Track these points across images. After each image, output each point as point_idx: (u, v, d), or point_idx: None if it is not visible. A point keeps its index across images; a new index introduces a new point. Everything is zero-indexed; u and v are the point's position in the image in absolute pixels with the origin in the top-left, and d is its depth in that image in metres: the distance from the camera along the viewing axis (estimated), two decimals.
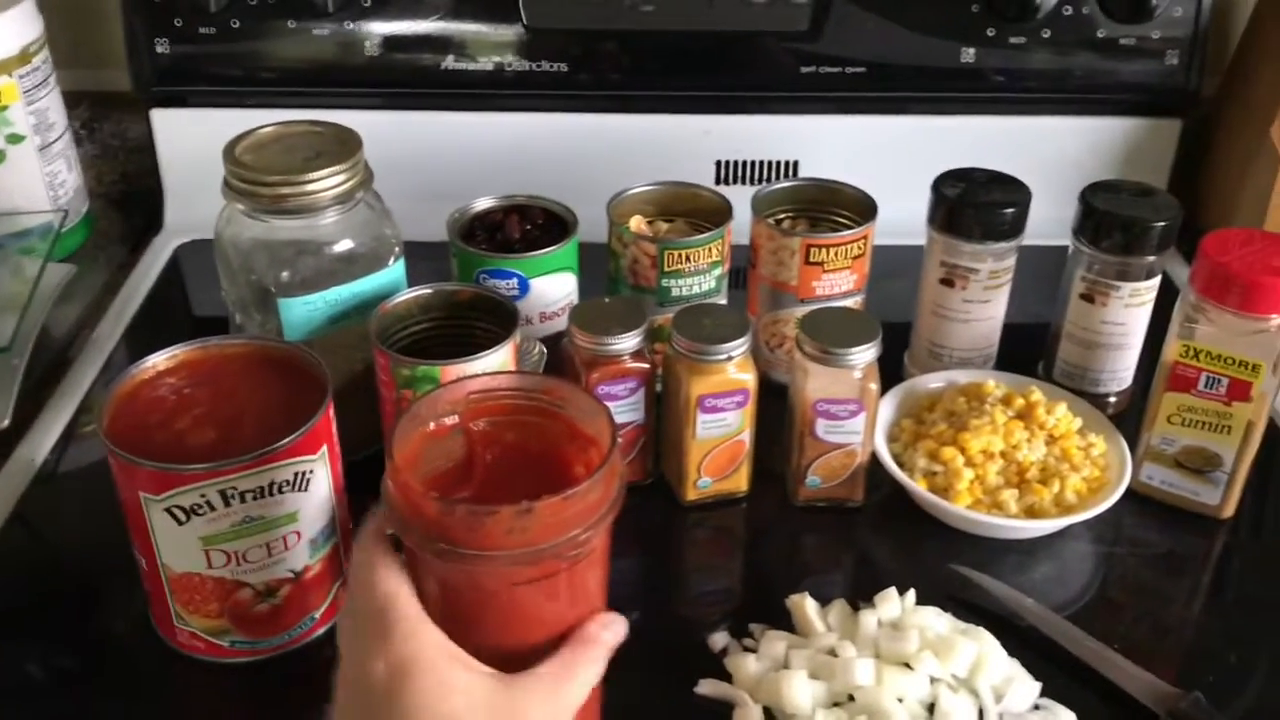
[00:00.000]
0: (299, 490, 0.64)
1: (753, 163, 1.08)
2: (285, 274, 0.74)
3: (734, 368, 0.75)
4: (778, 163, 1.08)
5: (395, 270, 0.78)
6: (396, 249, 0.78)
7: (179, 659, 0.68)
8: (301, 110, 0.85)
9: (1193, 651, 0.72)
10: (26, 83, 0.98)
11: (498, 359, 0.70)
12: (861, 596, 0.71)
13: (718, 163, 1.08)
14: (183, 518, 0.61)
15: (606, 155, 1.05)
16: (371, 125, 0.85)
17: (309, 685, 0.67)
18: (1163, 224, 0.80)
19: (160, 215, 1.10)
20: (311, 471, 0.64)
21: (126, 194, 1.15)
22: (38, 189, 1.02)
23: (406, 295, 0.75)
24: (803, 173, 1.07)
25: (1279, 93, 0.99)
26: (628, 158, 1.04)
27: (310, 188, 0.72)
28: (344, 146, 0.75)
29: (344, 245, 0.75)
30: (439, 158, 1.05)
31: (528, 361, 0.68)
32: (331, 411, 0.66)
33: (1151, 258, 0.81)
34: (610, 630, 0.52)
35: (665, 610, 0.74)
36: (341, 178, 0.73)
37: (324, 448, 0.65)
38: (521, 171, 0.97)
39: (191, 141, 1.05)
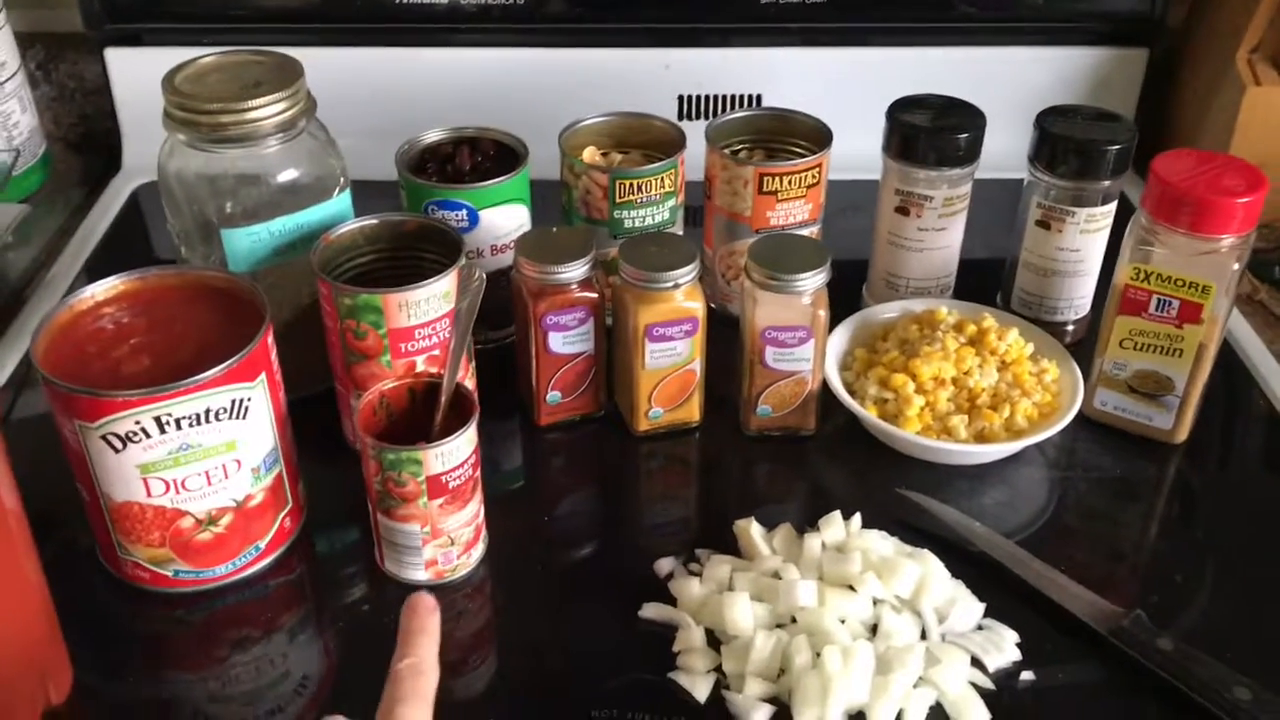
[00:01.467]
0: (237, 418, 0.63)
1: (715, 97, 1.07)
2: (228, 205, 0.74)
3: (681, 295, 0.74)
4: (740, 96, 1.07)
5: (341, 201, 0.77)
6: (342, 180, 0.77)
7: (125, 589, 0.68)
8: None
9: (1140, 573, 0.72)
10: None
11: (440, 287, 0.69)
12: (811, 523, 0.71)
13: (680, 97, 1.07)
14: (119, 445, 0.61)
15: (567, 91, 1.04)
16: (329, 62, 0.84)
17: (255, 615, 0.68)
18: (1117, 148, 0.79)
19: (119, 156, 1.09)
20: (249, 399, 0.64)
21: (85, 136, 1.14)
22: None
23: (351, 225, 0.75)
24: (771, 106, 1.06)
25: (1243, 20, 0.98)
26: (588, 93, 1.02)
27: (251, 115, 0.71)
28: (285, 75, 0.74)
29: (287, 175, 0.75)
30: (397, 95, 1.04)
31: (469, 289, 0.67)
32: (270, 340, 0.65)
33: (1106, 182, 0.81)
34: None
35: (618, 540, 0.74)
36: (283, 105, 0.72)
37: (262, 375, 0.64)
38: (481, 109, 0.95)
39: (147, 81, 1.01)
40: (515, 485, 0.80)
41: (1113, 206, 0.82)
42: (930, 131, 0.81)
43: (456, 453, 0.64)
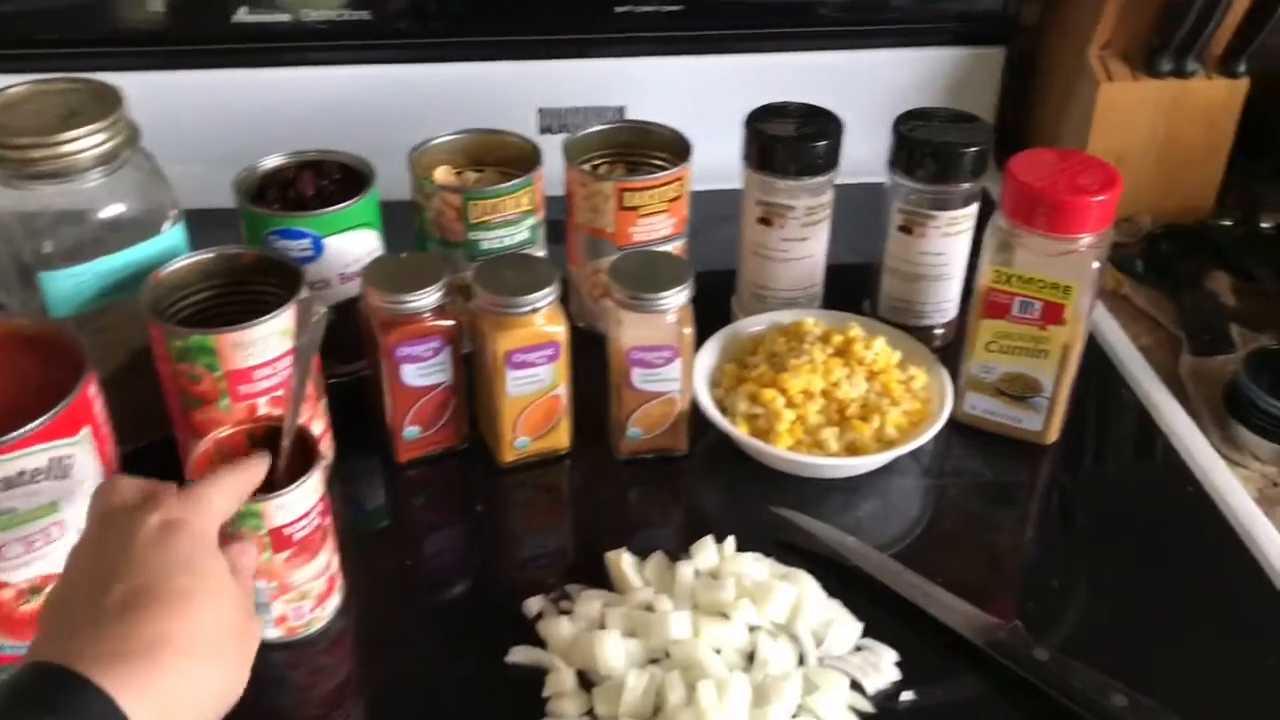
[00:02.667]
0: (57, 478, 0.58)
1: (577, 110, 1.04)
2: (45, 244, 0.68)
3: (542, 319, 0.71)
4: (603, 109, 1.05)
5: (172, 236, 0.72)
6: (173, 212, 0.72)
7: None
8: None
9: (1016, 580, 0.72)
10: None
11: (277, 324, 0.65)
12: (687, 548, 0.68)
13: (540, 111, 1.04)
14: None
15: (421, 109, 0.99)
16: (160, 86, 0.79)
17: None
18: (974, 150, 0.79)
19: None
20: (71, 457, 0.59)
21: None
22: None
23: (184, 261, 0.70)
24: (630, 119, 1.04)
25: (1094, 16, 0.99)
26: (445, 110, 0.98)
27: (66, 149, 0.67)
28: (103, 103, 0.69)
29: (111, 211, 0.70)
30: (234, 118, 0.99)
31: (308, 325, 0.63)
32: (92, 391, 0.61)
33: (966, 185, 0.80)
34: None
35: (486, 578, 0.71)
36: (101, 137, 0.67)
37: (85, 430, 0.60)
38: (325, 130, 0.91)
39: None
40: (378, 525, 0.76)
41: (974, 208, 0.82)
42: (788, 141, 0.80)
43: (299, 503, 0.60)
